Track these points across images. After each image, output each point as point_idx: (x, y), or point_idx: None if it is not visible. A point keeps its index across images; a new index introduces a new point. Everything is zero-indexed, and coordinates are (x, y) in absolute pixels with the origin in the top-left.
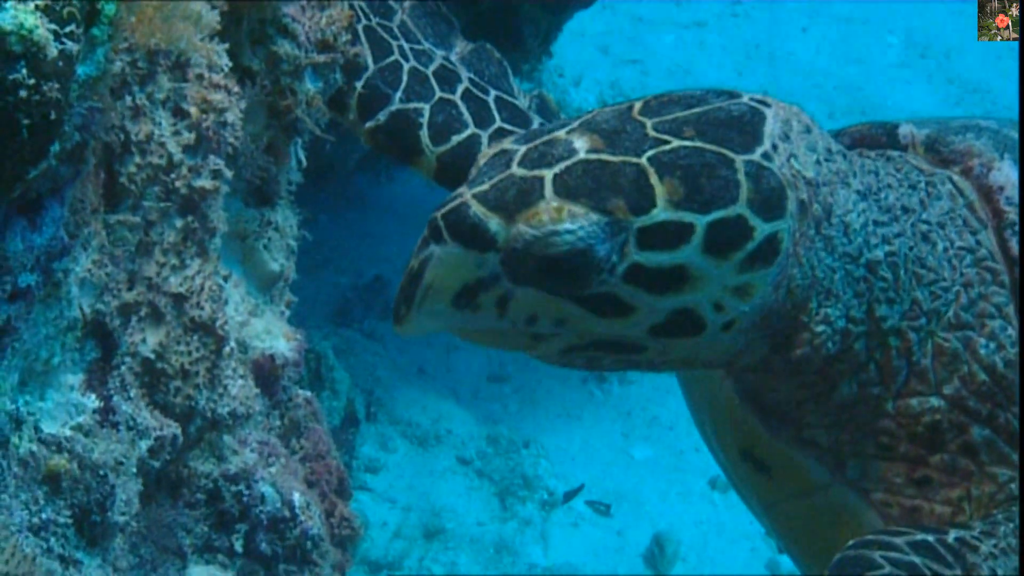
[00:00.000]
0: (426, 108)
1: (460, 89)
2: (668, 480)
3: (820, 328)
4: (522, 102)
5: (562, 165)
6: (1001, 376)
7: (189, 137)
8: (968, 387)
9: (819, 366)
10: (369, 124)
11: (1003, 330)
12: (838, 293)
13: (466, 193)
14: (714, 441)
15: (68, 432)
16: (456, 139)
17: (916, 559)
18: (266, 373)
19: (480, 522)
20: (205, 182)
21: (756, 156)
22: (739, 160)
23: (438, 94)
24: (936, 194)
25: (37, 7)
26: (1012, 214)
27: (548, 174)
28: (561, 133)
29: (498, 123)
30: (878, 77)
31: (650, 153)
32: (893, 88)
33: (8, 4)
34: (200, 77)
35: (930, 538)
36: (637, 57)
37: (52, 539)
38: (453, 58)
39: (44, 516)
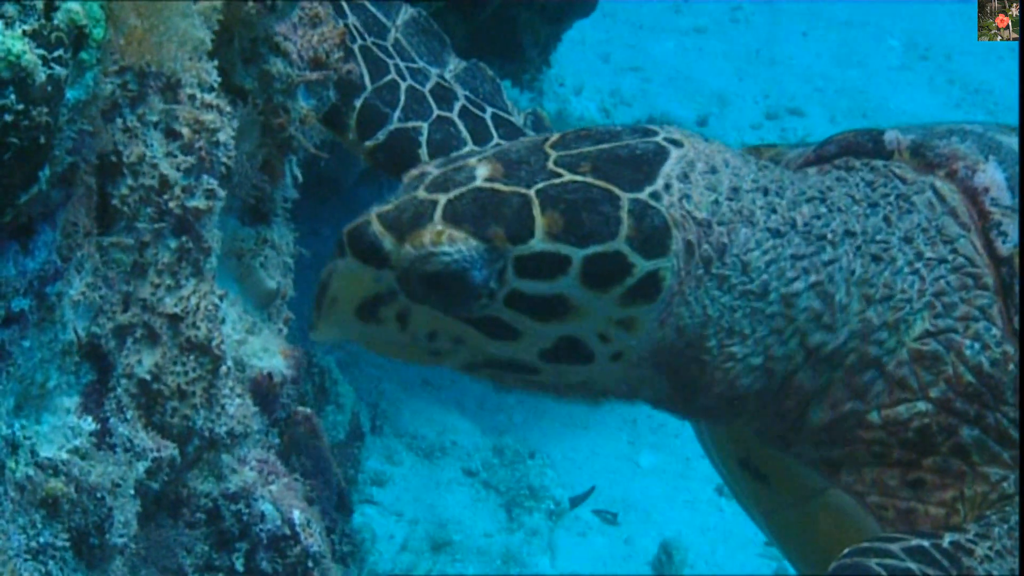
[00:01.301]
0: (424, 126)
1: (457, 107)
2: (675, 487)
3: (728, 365)
4: (517, 119)
5: (457, 191)
6: (988, 376)
7: (182, 158)
8: (954, 389)
9: (756, 404)
10: (369, 143)
11: (987, 331)
12: (743, 331)
13: (373, 212)
14: (713, 451)
15: (65, 455)
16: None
17: (912, 565)
18: (264, 391)
19: (487, 533)
20: (199, 202)
21: (643, 195)
22: (625, 198)
23: (436, 112)
24: (907, 208)
25: (24, 32)
26: (997, 215)
27: (442, 199)
28: (472, 160)
29: (495, 140)
30: (879, 80)
31: (540, 186)
32: (894, 90)
33: None
34: (192, 97)
35: (925, 543)
36: (638, 64)
37: (51, 563)
38: (447, 76)
39: (42, 540)
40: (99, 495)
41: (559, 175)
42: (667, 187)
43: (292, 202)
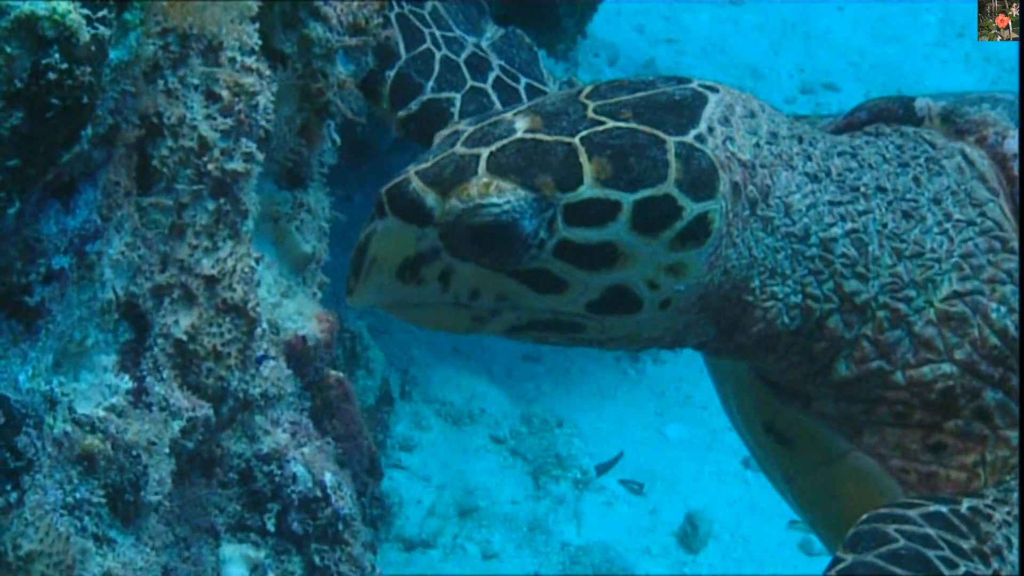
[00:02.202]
0: (457, 97)
1: (491, 77)
2: (701, 459)
3: (769, 303)
4: (552, 88)
5: (498, 144)
6: (1013, 339)
7: (221, 120)
8: (980, 351)
9: (789, 343)
10: (401, 113)
11: (1014, 294)
12: (784, 272)
13: (410, 170)
14: (738, 416)
15: (102, 413)
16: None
17: (930, 531)
18: (298, 354)
19: (514, 500)
20: (237, 165)
21: (689, 138)
22: (671, 141)
23: (469, 83)
24: (937, 171)
25: None
26: None
27: (484, 152)
28: (508, 115)
29: None
30: (915, 56)
31: (583, 133)
32: (930, 67)
33: None
34: (232, 60)
35: (943, 509)
36: (672, 36)
37: (86, 518)
38: (484, 44)
39: (78, 495)
40: (135, 453)
41: (602, 122)
42: (710, 130)
43: (330, 167)
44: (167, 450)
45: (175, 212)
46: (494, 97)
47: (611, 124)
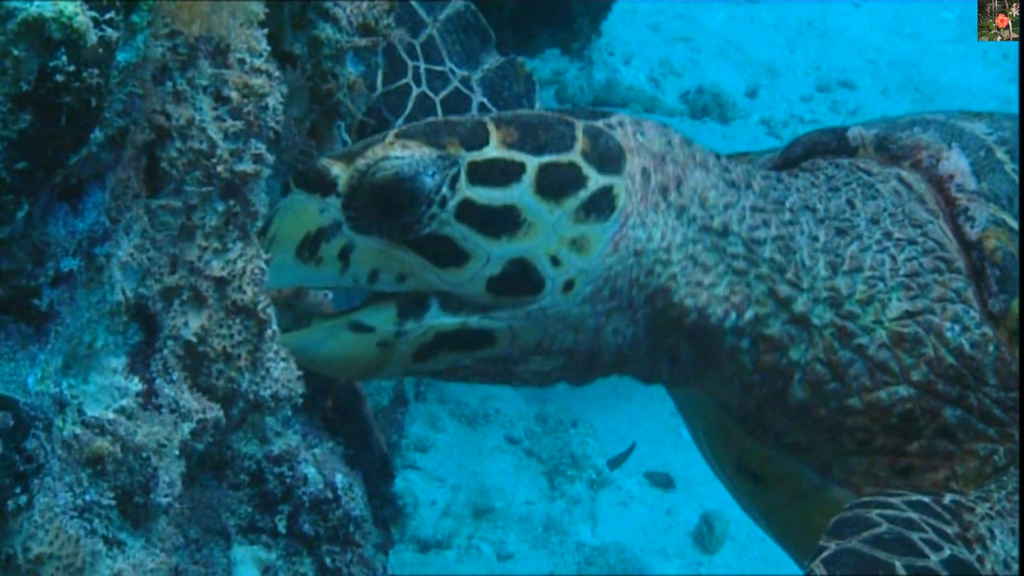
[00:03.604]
0: None
1: None
2: None
3: (695, 291)
4: None
5: (408, 125)
6: (969, 358)
7: (230, 122)
8: (935, 371)
9: (731, 353)
10: None
11: (966, 313)
12: (706, 263)
13: (320, 156)
14: (710, 456)
15: (111, 415)
16: None
17: (913, 515)
18: None
19: (528, 501)
20: (247, 166)
21: (599, 123)
22: (580, 123)
23: None
24: (872, 195)
25: None
26: (963, 200)
27: (392, 131)
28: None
29: None
30: (932, 53)
31: (494, 115)
32: (948, 64)
33: None
34: (241, 62)
35: (926, 499)
36: (688, 35)
37: (96, 520)
38: (475, 78)
39: (88, 498)
40: (144, 455)
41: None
42: (620, 124)
43: None
44: (177, 452)
45: (184, 214)
46: None
47: (524, 112)
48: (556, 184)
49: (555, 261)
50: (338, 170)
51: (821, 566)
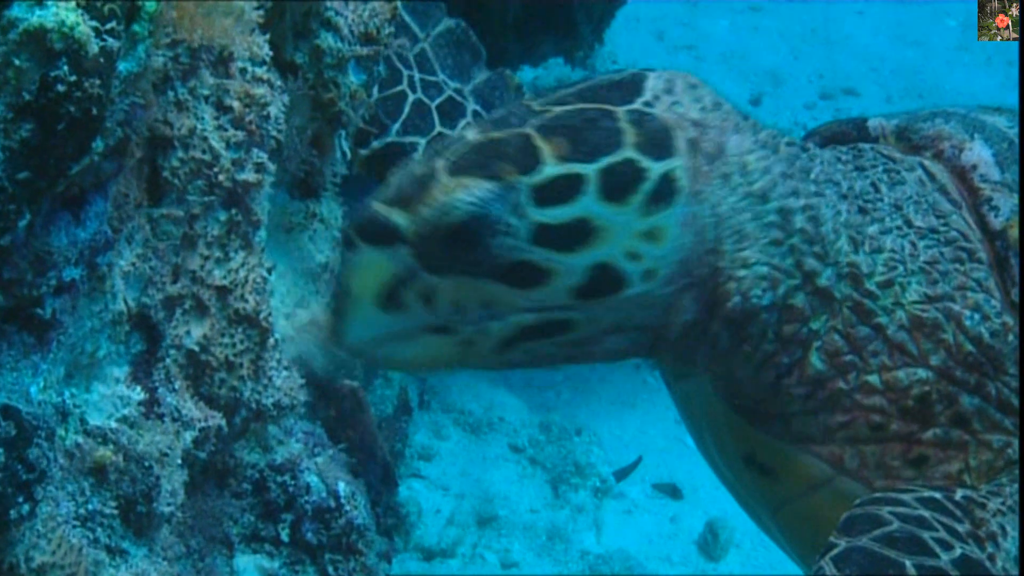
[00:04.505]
0: (422, 142)
1: (461, 125)
2: None
3: (741, 273)
4: None
5: (454, 151)
6: (988, 347)
7: (232, 132)
8: (954, 357)
9: (761, 327)
10: (364, 151)
11: (987, 302)
12: (750, 234)
13: (371, 201)
14: (715, 453)
15: (114, 424)
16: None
17: (925, 512)
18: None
19: (533, 509)
20: (248, 175)
21: (637, 105)
22: (620, 111)
23: (437, 129)
24: (898, 180)
25: (78, 4)
26: (987, 190)
27: (440, 162)
28: (457, 132)
29: None
30: (936, 60)
31: (534, 122)
32: (952, 71)
33: (49, 2)
34: (243, 71)
35: (937, 495)
36: (692, 43)
37: (99, 529)
38: (467, 90)
39: (90, 507)
40: (147, 464)
41: (549, 111)
42: (656, 98)
43: (342, 177)
44: (179, 461)
45: (186, 223)
46: None
47: (559, 110)
48: (619, 185)
49: (633, 256)
50: (398, 218)
51: (831, 564)
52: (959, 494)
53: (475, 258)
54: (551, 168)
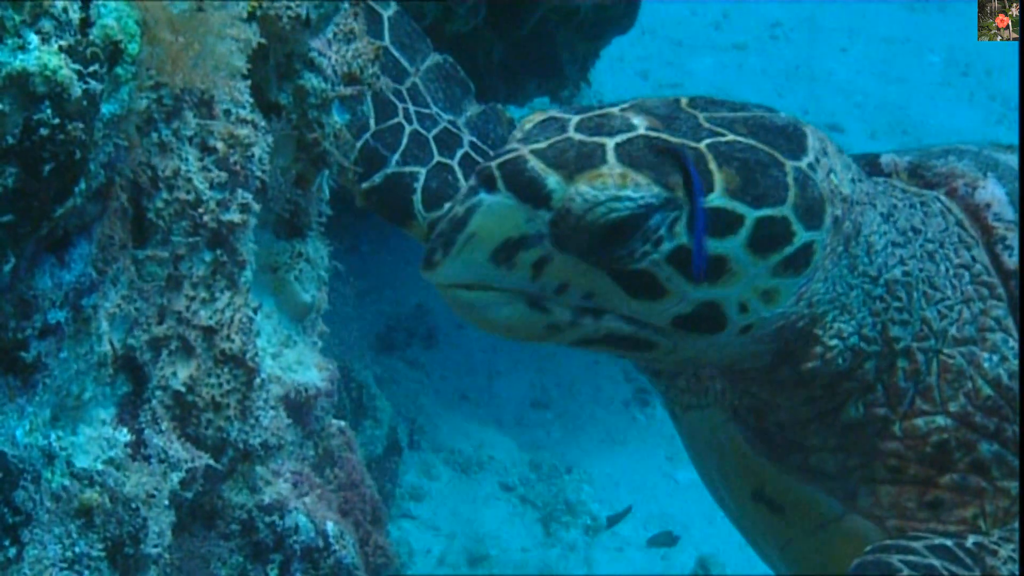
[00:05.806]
0: (422, 172)
1: (459, 154)
2: (713, 503)
3: (833, 342)
4: None
5: (623, 136)
6: (1007, 388)
7: (216, 172)
8: (973, 402)
9: (827, 381)
10: (364, 185)
11: (1005, 343)
12: (852, 310)
13: (522, 148)
14: (722, 488)
15: (100, 466)
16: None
17: (935, 561)
18: (299, 404)
19: (524, 548)
20: (233, 216)
21: (803, 164)
22: (789, 164)
23: (436, 159)
24: (931, 212)
25: (61, 48)
26: (1001, 229)
27: (610, 142)
28: (615, 110)
29: None
30: (919, 96)
31: (708, 141)
32: (935, 107)
33: (32, 45)
34: (226, 113)
35: (948, 542)
36: (677, 81)
37: (86, 572)
38: (461, 122)
39: (77, 550)
40: (134, 505)
41: (722, 134)
42: (817, 160)
43: (329, 217)
44: (167, 502)
45: (171, 264)
46: (460, 174)
47: (731, 137)
48: (767, 240)
49: (743, 308)
50: (554, 183)
51: None
52: (970, 540)
53: (611, 253)
54: (718, 200)
